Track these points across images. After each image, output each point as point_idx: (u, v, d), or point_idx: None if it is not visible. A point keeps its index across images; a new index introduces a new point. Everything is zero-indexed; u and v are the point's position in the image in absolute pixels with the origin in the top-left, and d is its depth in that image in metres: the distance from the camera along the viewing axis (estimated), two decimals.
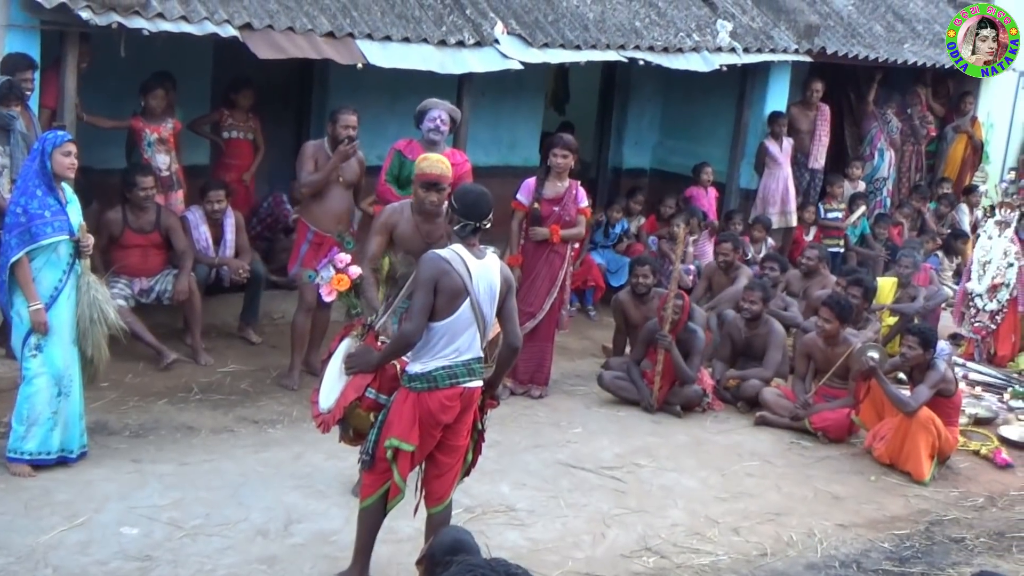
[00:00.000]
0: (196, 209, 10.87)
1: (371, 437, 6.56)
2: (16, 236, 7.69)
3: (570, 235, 10.37)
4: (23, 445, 7.88)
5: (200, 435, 8.91)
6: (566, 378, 11.09)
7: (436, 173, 7.71)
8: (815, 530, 8.30)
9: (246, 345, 11.04)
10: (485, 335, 6.50)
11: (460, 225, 6.45)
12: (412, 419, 6.40)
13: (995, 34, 13.31)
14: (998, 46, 13.34)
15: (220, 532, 7.33)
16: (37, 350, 7.84)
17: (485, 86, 12.52)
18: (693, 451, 9.62)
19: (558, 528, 7.92)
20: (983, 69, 13.67)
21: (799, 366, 10.59)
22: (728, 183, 14.68)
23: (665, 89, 15.68)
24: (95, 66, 10.32)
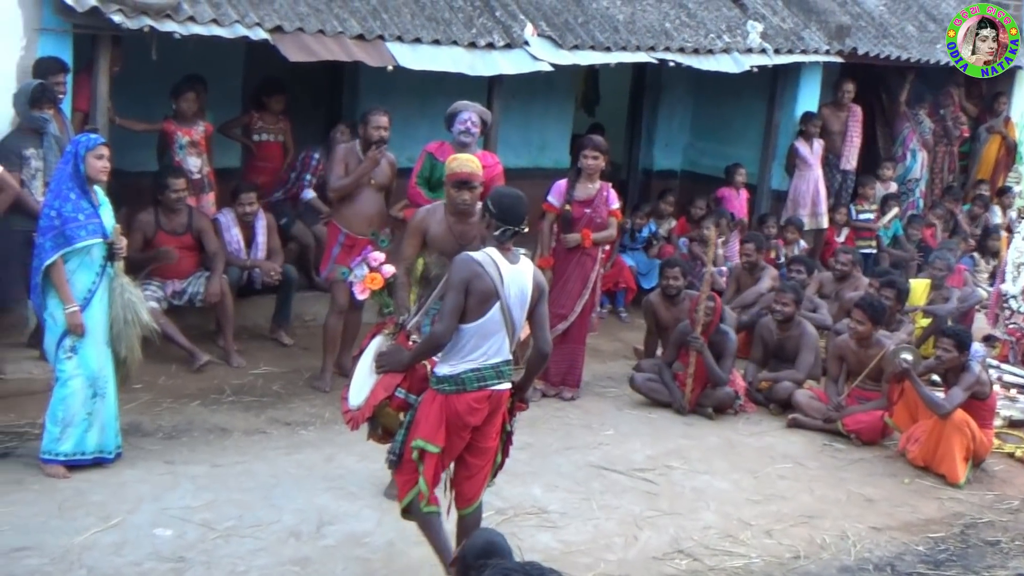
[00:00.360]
0: (228, 211, 10.90)
1: (399, 437, 6.57)
2: (50, 239, 7.73)
3: (601, 238, 10.35)
4: (58, 446, 7.91)
5: (233, 437, 8.94)
6: (598, 380, 11.07)
7: (467, 172, 7.74)
8: (848, 533, 8.25)
9: (278, 347, 11.07)
10: (514, 339, 6.49)
11: (500, 230, 6.45)
12: (439, 421, 6.39)
13: (995, 34, 13.25)
14: (998, 46, 13.27)
15: (253, 534, 7.34)
16: (72, 352, 7.88)
17: (515, 88, 12.52)
18: (725, 453, 9.59)
19: (590, 530, 7.91)
20: (983, 69, 13.59)
21: (832, 368, 10.53)
22: (759, 184, 14.63)
23: (695, 90, 15.64)
24: (127, 69, 10.35)
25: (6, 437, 8.48)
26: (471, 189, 7.72)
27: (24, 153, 8.99)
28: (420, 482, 6.45)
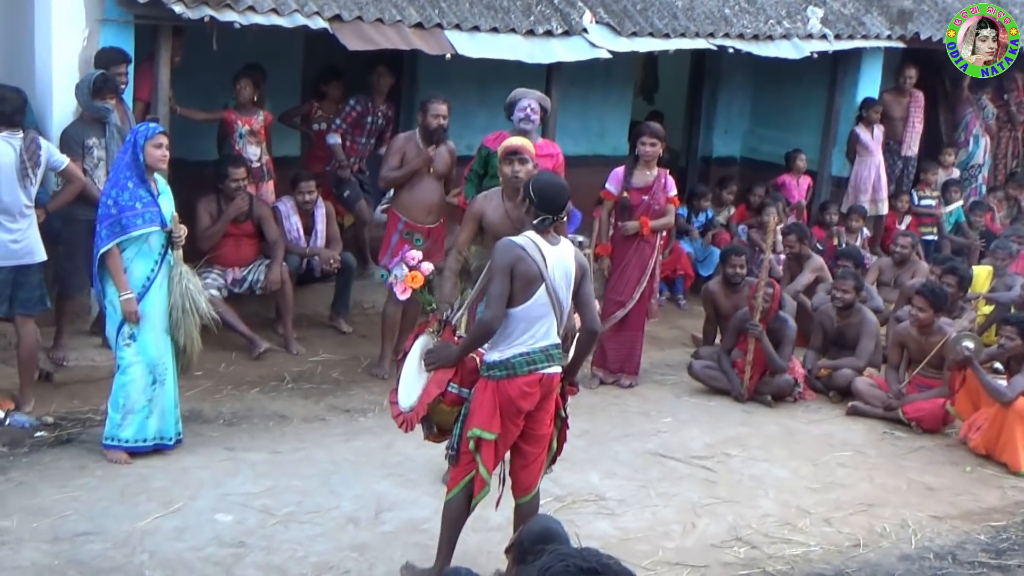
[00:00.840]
0: (287, 200, 10.97)
1: (455, 431, 6.55)
2: (107, 227, 7.82)
3: (659, 225, 10.32)
4: (119, 432, 8.01)
5: (292, 424, 9.00)
6: (656, 367, 11.05)
7: (517, 144, 7.84)
8: (909, 521, 8.19)
9: (337, 335, 11.13)
10: (562, 321, 6.47)
11: (540, 219, 6.41)
12: (493, 408, 6.37)
13: (995, 34, 13.09)
14: (998, 46, 13.11)
15: (312, 519, 7.40)
16: (131, 339, 7.97)
17: (574, 75, 12.50)
18: (784, 441, 9.55)
19: (648, 518, 7.90)
20: (983, 69, 13.43)
21: (892, 355, 10.45)
22: (820, 171, 14.53)
23: (755, 77, 15.55)
24: (188, 59, 10.45)
25: (70, 423, 8.59)
26: (522, 161, 7.71)
27: (87, 143, 9.09)
28: (480, 469, 6.43)
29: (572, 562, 2.64)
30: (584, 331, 6.65)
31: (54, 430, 8.46)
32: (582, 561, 2.65)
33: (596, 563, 2.64)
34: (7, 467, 7.82)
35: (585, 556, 2.67)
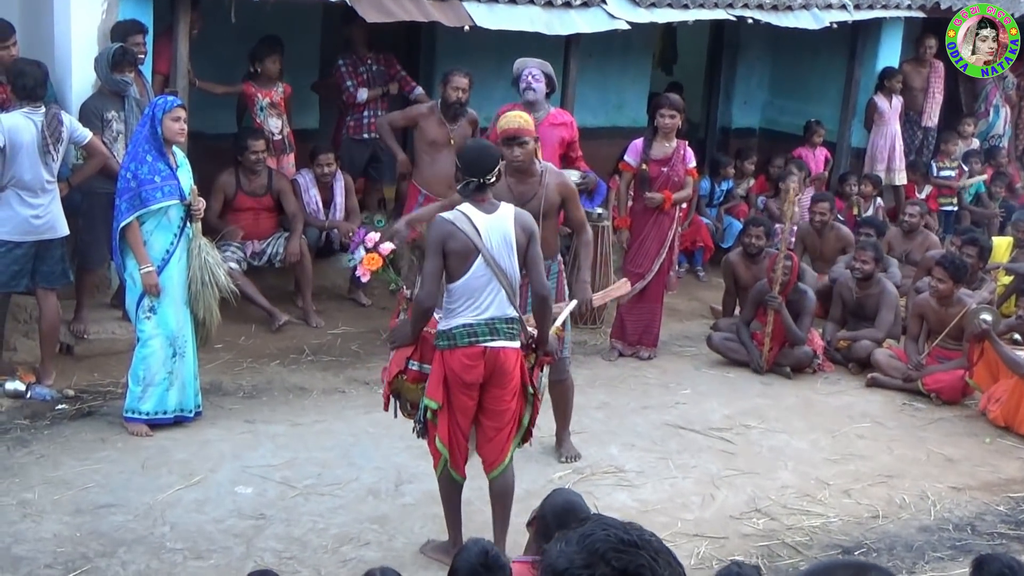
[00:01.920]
0: (306, 172, 10.98)
1: (420, 405, 6.56)
2: (126, 201, 7.84)
3: (679, 197, 10.30)
4: (140, 405, 8.05)
5: (312, 396, 9.04)
6: (675, 339, 11.05)
7: (514, 127, 7.68)
8: (928, 493, 8.19)
9: (356, 307, 11.15)
10: (514, 290, 6.38)
11: (465, 183, 6.37)
12: (439, 378, 6.38)
13: (995, 34, 13.01)
14: (998, 46, 13.04)
15: (332, 492, 7.44)
16: (151, 312, 8.00)
17: (592, 47, 12.46)
18: (803, 413, 9.55)
19: (667, 489, 7.92)
20: (983, 69, 13.35)
21: (912, 327, 10.42)
22: (839, 142, 14.46)
23: (774, 47, 15.47)
24: (206, 32, 10.43)
25: (91, 396, 8.65)
26: (521, 144, 7.66)
27: (106, 116, 9.10)
28: (437, 442, 6.47)
29: (614, 532, 2.66)
30: (534, 296, 6.59)
31: (75, 403, 8.51)
32: (624, 533, 2.66)
33: (638, 537, 2.65)
34: (29, 440, 7.87)
35: (627, 528, 2.68)
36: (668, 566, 2.65)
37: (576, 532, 2.67)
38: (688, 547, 7.08)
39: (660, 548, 2.67)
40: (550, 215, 7.73)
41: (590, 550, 2.62)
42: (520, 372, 6.50)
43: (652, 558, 2.63)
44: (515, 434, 6.62)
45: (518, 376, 6.49)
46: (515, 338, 6.44)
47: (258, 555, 6.67)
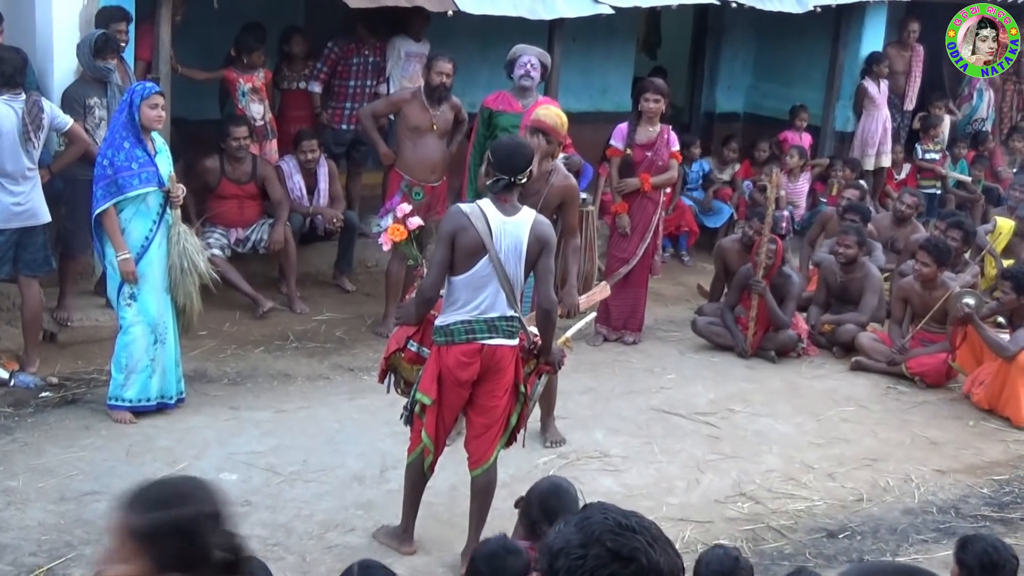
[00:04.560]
0: (290, 159, 10.95)
1: (412, 392, 6.54)
2: (102, 188, 7.82)
3: (662, 181, 10.30)
4: (123, 392, 8.04)
5: (296, 382, 9.03)
6: (660, 324, 11.06)
7: (549, 124, 7.71)
8: (912, 476, 8.22)
9: (340, 293, 11.13)
10: (515, 293, 6.33)
11: (494, 179, 6.28)
12: (434, 373, 6.34)
13: (995, 34, 13.03)
14: (998, 46, 13.05)
15: (317, 478, 7.44)
16: (132, 299, 7.98)
17: (576, 31, 12.43)
18: (788, 396, 9.57)
19: (652, 474, 7.93)
20: (983, 69, 13.37)
21: (896, 310, 10.44)
22: (823, 126, 14.47)
23: (758, 31, 15.46)
24: (188, 17, 10.39)
25: (75, 384, 8.63)
26: (548, 141, 7.61)
27: (88, 103, 9.07)
28: (423, 436, 6.45)
29: (612, 516, 2.68)
30: (538, 308, 6.50)
31: (59, 390, 8.49)
32: (623, 518, 2.69)
33: (636, 523, 2.67)
34: (12, 428, 7.86)
35: (627, 515, 2.71)
36: (664, 553, 2.66)
37: (577, 515, 2.71)
38: (673, 531, 7.07)
39: (658, 535, 2.69)
40: (545, 213, 7.69)
41: (587, 532, 2.65)
42: (515, 370, 6.45)
43: (648, 543, 2.64)
44: (502, 433, 6.56)
45: (511, 374, 6.43)
46: (513, 336, 6.39)
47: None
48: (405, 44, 11.59)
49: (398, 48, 11.59)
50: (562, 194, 7.84)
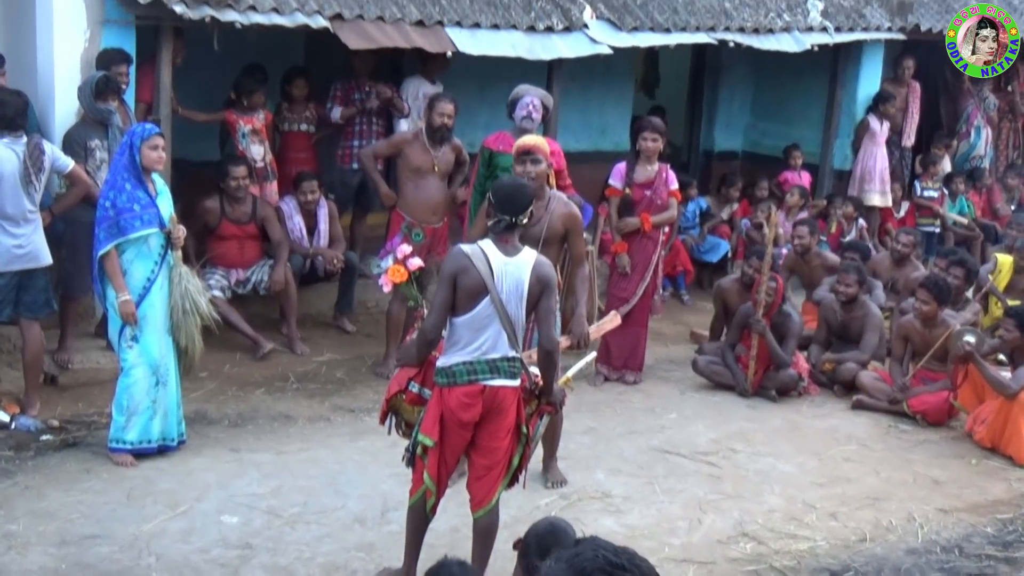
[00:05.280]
0: (290, 199, 10.97)
1: (413, 433, 6.51)
2: (105, 229, 7.83)
3: (661, 219, 10.32)
4: (124, 435, 8.02)
5: (297, 424, 9.01)
6: (660, 363, 11.06)
7: (530, 143, 7.78)
8: (915, 515, 8.19)
9: (341, 334, 11.14)
10: (516, 334, 6.30)
11: (496, 220, 6.30)
12: (436, 414, 6.31)
13: (995, 34, 13.09)
14: (998, 46, 13.11)
15: (318, 520, 7.40)
16: (133, 341, 7.98)
17: (575, 71, 12.49)
18: (789, 436, 9.55)
19: (654, 514, 7.90)
20: (983, 69, 13.42)
21: (896, 348, 10.44)
22: (821, 164, 14.52)
23: (756, 70, 15.55)
24: (188, 59, 10.44)
25: (75, 426, 8.61)
26: (534, 161, 7.64)
27: (89, 144, 9.10)
28: (425, 477, 6.41)
29: (602, 554, 2.68)
30: (540, 349, 6.49)
31: (60, 433, 8.47)
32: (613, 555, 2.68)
33: (627, 560, 2.66)
34: (13, 471, 7.83)
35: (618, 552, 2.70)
36: None
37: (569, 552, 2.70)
38: (676, 572, 7.07)
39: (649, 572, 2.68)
40: (551, 243, 7.71)
41: (578, 569, 2.64)
42: (516, 411, 6.43)
43: None
44: (504, 475, 6.53)
45: (514, 414, 6.40)
46: (515, 376, 6.36)
47: None
48: (422, 85, 11.66)
49: (414, 89, 11.66)
50: (564, 222, 7.85)
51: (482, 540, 6.56)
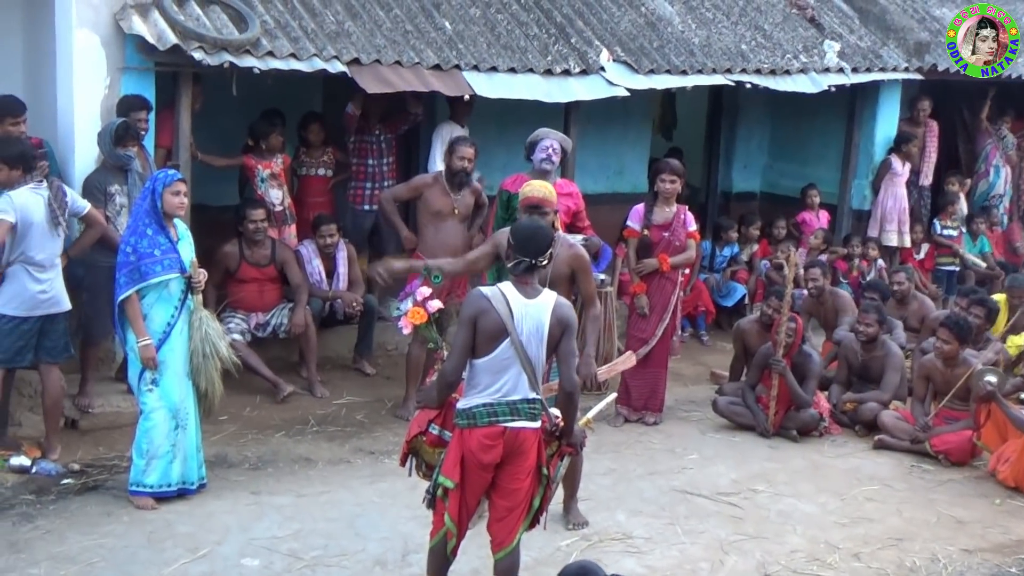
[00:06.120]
0: (309, 243, 11.01)
1: (434, 475, 6.51)
2: (125, 275, 7.86)
3: (679, 261, 10.31)
4: (144, 478, 8.02)
5: (317, 467, 9.00)
6: (680, 404, 11.03)
7: (539, 196, 7.74)
8: (939, 555, 8.13)
9: (361, 377, 11.15)
10: (535, 376, 6.32)
11: (515, 262, 6.33)
12: (456, 456, 6.31)
13: (995, 34, 13.07)
14: (998, 46, 13.09)
15: (339, 563, 7.39)
16: (153, 385, 7.99)
17: (592, 114, 12.54)
18: (811, 476, 9.50)
19: (675, 555, 7.86)
20: (983, 70, 13.39)
21: (918, 388, 10.39)
22: (839, 204, 14.51)
23: (773, 111, 15.58)
24: (207, 105, 10.50)
25: (96, 470, 8.61)
26: (543, 214, 7.67)
27: (109, 190, 9.15)
28: (446, 519, 6.40)
29: None
30: (561, 391, 6.51)
31: (80, 477, 8.48)
32: None
33: None
34: (34, 515, 7.83)
35: None
36: None
37: None
38: None
39: None
40: (557, 284, 7.71)
41: None
42: (537, 452, 6.42)
43: None
44: (525, 516, 6.51)
45: (534, 456, 6.40)
46: (536, 418, 6.37)
47: None
48: (453, 129, 11.72)
49: (444, 134, 11.73)
50: (570, 263, 7.86)
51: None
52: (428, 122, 12.38)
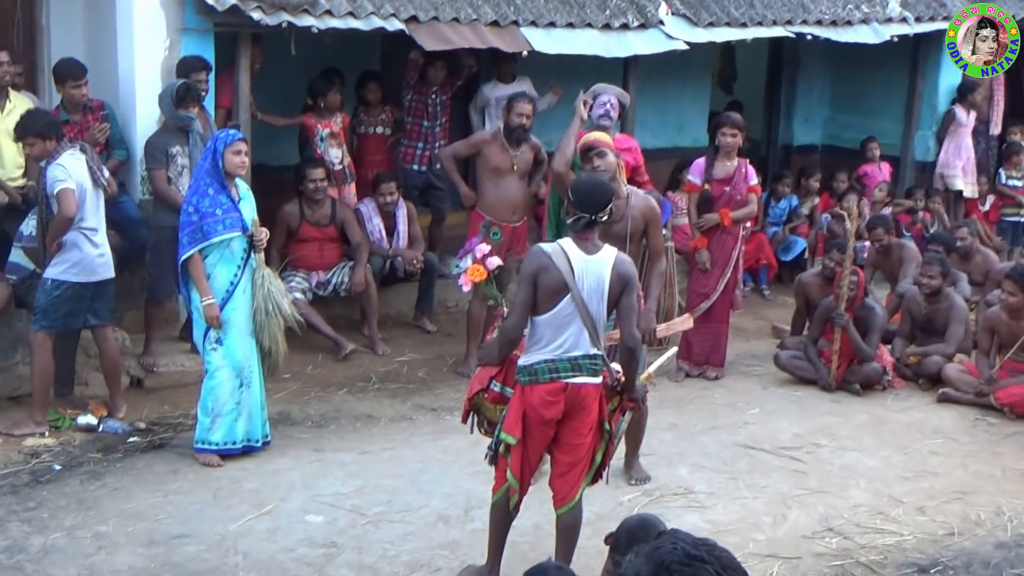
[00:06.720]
0: (369, 201, 11.04)
1: (496, 431, 6.52)
2: (188, 234, 7.93)
3: (741, 215, 10.26)
4: (209, 436, 8.11)
5: (379, 424, 9.06)
6: (742, 359, 10.99)
7: (592, 139, 7.77)
8: (1004, 508, 8.07)
9: (422, 334, 11.19)
10: (597, 332, 6.30)
11: (575, 218, 6.31)
12: (519, 412, 6.32)
13: (995, 34, 12.85)
14: (998, 46, 12.86)
15: (402, 519, 7.44)
16: (217, 343, 8.07)
17: (651, 68, 12.45)
18: (874, 430, 9.45)
19: (738, 510, 7.86)
20: (983, 70, 13.17)
21: (982, 341, 10.29)
22: (902, 156, 14.36)
23: (834, 63, 15.40)
24: (266, 65, 10.54)
25: (162, 428, 8.72)
26: (600, 155, 7.63)
27: (171, 151, 9.21)
28: (508, 475, 6.42)
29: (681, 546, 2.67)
30: (621, 346, 6.53)
31: (146, 435, 8.60)
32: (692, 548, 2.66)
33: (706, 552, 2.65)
34: (102, 472, 7.95)
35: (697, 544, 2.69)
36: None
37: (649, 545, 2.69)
38: (761, 567, 7.01)
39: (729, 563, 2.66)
40: (635, 239, 7.71)
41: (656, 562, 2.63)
42: (599, 408, 6.43)
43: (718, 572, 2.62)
44: (587, 471, 6.52)
45: (596, 412, 6.40)
46: (597, 374, 6.37)
47: None
48: (496, 90, 11.69)
49: (487, 95, 11.70)
50: (645, 216, 7.83)
51: (566, 537, 6.56)
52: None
